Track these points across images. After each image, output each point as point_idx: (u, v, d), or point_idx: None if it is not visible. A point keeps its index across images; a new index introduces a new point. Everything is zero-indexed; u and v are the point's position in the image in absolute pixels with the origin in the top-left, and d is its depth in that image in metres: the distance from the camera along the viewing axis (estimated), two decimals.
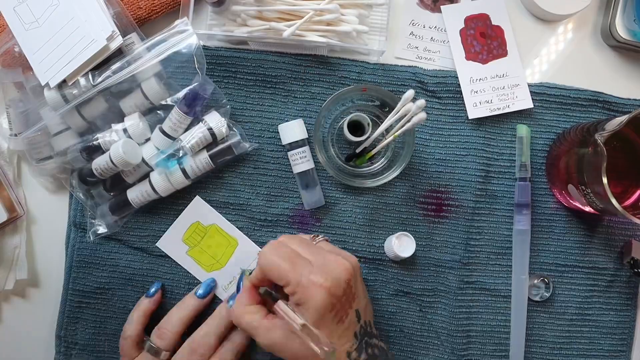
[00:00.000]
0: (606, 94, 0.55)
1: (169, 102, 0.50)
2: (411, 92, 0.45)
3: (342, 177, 0.52)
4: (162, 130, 0.50)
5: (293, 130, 0.52)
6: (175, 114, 0.49)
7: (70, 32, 0.47)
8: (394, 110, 0.47)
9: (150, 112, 0.51)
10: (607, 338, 0.56)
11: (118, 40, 0.47)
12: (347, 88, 0.51)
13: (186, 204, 0.54)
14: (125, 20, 0.50)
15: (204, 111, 0.51)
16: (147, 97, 0.50)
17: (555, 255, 0.55)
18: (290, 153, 0.53)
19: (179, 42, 0.48)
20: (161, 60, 0.48)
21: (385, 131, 0.49)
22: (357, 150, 0.52)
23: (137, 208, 0.52)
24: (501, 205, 0.55)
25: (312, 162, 0.53)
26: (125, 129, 0.50)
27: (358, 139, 0.50)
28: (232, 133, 0.51)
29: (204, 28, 0.54)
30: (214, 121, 0.50)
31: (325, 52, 0.54)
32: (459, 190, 0.54)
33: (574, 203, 0.52)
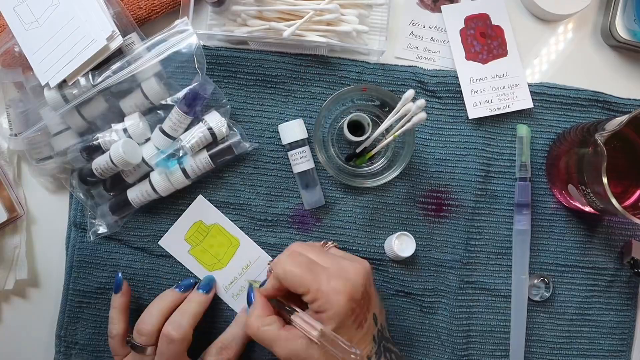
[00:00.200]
0: (606, 94, 0.55)
1: (169, 102, 0.50)
2: (411, 92, 0.45)
3: (342, 177, 0.51)
4: (162, 130, 0.50)
5: (293, 130, 0.52)
6: (175, 113, 0.49)
7: (70, 32, 0.47)
8: (394, 110, 0.47)
9: (150, 112, 0.51)
10: (607, 338, 0.56)
11: (118, 40, 0.47)
12: (347, 88, 0.51)
13: (186, 204, 0.54)
14: (125, 20, 0.50)
15: (204, 111, 0.51)
16: (147, 97, 0.50)
17: (555, 255, 0.55)
18: (290, 153, 0.53)
19: (179, 42, 0.48)
20: (161, 60, 0.48)
21: (385, 131, 0.49)
22: (357, 150, 0.52)
23: (137, 208, 0.52)
24: (501, 205, 0.55)
25: (312, 162, 0.53)
26: (125, 128, 0.50)
27: (358, 139, 0.50)
28: (232, 133, 0.51)
29: (204, 28, 0.54)
30: (214, 121, 0.50)
31: (325, 52, 0.54)
32: (459, 190, 0.54)
33: (574, 203, 0.52)
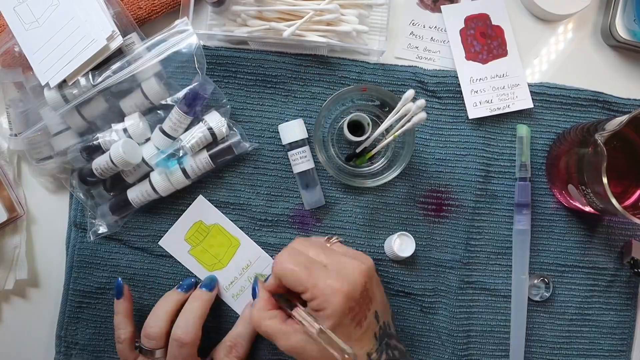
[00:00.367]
0: (606, 94, 0.55)
1: (169, 101, 0.50)
2: (411, 92, 0.45)
3: (342, 177, 0.51)
4: (162, 130, 0.50)
5: (293, 130, 0.52)
6: (175, 113, 0.49)
7: (71, 32, 0.47)
8: (394, 110, 0.47)
9: (150, 112, 0.51)
10: (607, 338, 0.56)
11: (118, 40, 0.47)
12: (347, 88, 0.51)
13: (186, 204, 0.53)
14: (125, 20, 0.50)
15: (204, 111, 0.51)
16: (147, 97, 0.50)
17: (555, 255, 0.55)
18: (290, 153, 0.53)
19: (179, 42, 0.48)
20: (161, 60, 0.48)
21: (385, 131, 0.49)
22: (357, 150, 0.52)
23: (137, 208, 0.52)
24: (501, 205, 0.55)
25: (312, 162, 0.53)
26: (125, 128, 0.50)
27: (358, 139, 0.50)
28: (232, 133, 0.51)
29: (204, 28, 0.54)
30: (214, 121, 0.50)
31: (325, 52, 0.54)
32: (459, 190, 0.54)
33: (574, 203, 0.52)
